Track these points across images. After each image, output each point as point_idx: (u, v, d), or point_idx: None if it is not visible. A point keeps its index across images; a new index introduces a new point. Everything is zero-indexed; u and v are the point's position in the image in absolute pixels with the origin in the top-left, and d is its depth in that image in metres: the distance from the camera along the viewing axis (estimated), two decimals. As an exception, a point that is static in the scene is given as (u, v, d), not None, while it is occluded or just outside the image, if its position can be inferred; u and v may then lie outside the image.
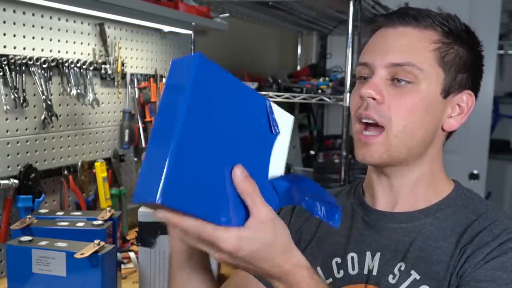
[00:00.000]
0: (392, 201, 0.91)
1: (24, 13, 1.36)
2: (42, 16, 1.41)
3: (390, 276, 0.85)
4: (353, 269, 0.90)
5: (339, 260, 0.92)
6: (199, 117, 0.58)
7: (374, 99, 0.84)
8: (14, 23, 1.34)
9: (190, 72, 0.58)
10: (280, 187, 0.68)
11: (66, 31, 1.50)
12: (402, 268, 0.85)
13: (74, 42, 1.53)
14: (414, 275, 0.84)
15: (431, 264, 0.83)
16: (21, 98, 1.34)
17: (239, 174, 0.63)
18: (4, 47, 1.31)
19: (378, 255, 0.88)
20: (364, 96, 0.84)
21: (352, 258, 0.91)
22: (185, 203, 0.57)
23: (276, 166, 0.69)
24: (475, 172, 2.94)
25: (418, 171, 0.89)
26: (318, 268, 0.93)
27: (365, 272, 0.89)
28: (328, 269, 0.93)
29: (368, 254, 0.89)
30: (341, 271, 0.91)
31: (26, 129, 1.39)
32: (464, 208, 0.88)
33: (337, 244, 0.94)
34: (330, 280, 0.92)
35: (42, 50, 1.42)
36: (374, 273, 0.87)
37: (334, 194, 1.02)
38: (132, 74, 1.76)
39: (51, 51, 1.45)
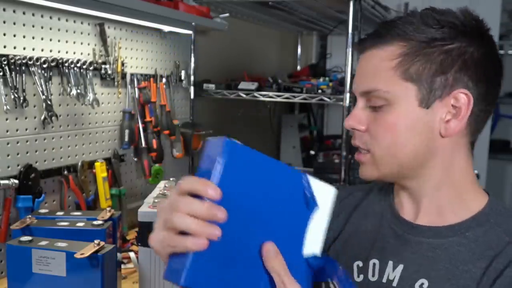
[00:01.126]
0: (415, 211, 0.90)
1: (24, 13, 1.36)
2: (42, 16, 1.41)
3: None
4: (373, 275, 0.89)
5: (360, 263, 0.92)
6: (229, 199, 0.59)
7: (356, 129, 0.87)
8: (14, 23, 1.34)
9: (220, 157, 0.58)
10: (315, 264, 0.67)
11: (66, 31, 1.50)
12: (424, 286, 0.83)
13: (74, 42, 1.53)
14: None
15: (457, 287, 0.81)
16: (21, 98, 1.34)
17: (269, 251, 0.63)
18: (4, 47, 1.31)
19: (400, 266, 0.87)
20: (347, 128, 0.88)
21: (374, 264, 0.90)
22: (210, 285, 0.58)
23: (313, 242, 0.67)
24: (475, 172, 2.92)
25: (434, 182, 0.86)
26: None
27: (384, 280, 0.88)
28: (349, 271, 0.92)
29: (391, 263, 0.88)
30: (361, 276, 0.91)
31: (26, 129, 1.39)
32: (497, 228, 0.83)
33: (361, 247, 0.93)
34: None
35: (42, 50, 1.42)
36: (394, 284, 0.86)
37: (366, 190, 1.02)
38: (132, 74, 1.76)
39: (51, 51, 1.45)
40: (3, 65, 1.29)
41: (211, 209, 0.57)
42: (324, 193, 0.67)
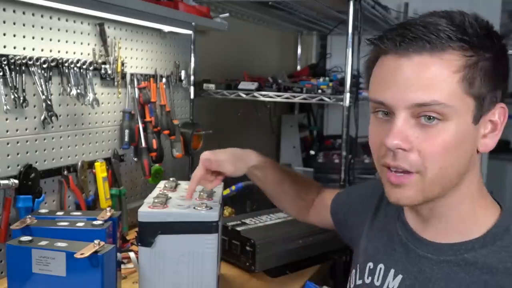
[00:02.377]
0: (422, 226, 0.88)
1: (24, 13, 1.36)
2: (42, 16, 1.41)
3: None
4: (378, 280, 0.89)
5: (371, 265, 0.92)
6: None
7: (402, 149, 0.77)
8: (14, 23, 1.33)
9: None
10: None
11: (66, 31, 1.50)
12: None
13: (74, 42, 1.53)
14: None
15: None
16: (21, 98, 1.34)
17: None
18: (4, 47, 1.31)
19: (399, 277, 0.86)
20: (391, 147, 0.77)
21: (381, 269, 0.90)
22: None
23: None
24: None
25: (451, 200, 0.82)
26: (358, 265, 0.95)
27: (385, 287, 0.88)
28: (362, 271, 0.93)
29: (392, 271, 0.88)
30: (369, 278, 0.91)
31: (26, 129, 1.39)
32: (502, 251, 0.78)
33: (376, 248, 0.93)
34: (360, 282, 0.93)
35: (42, 50, 1.42)
36: None
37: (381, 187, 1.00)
38: (132, 74, 1.76)
39: (51, 51, 1.45)
40: (3, 65, 1.29)
41: None
42: None
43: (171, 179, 1.35)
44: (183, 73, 2.07)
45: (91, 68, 1.56)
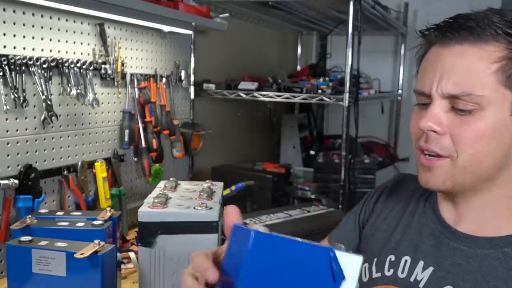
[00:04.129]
0: (455, 217, 0.87)
1: (24, 13, 1.36)
2: (42, 16, 1.41)
3: None
4: (403, 272, 0.88)
5: (393, 257, 0.91)
6: (257, 281, 0.62)
7: (434, 131, 0.79)
8: (14, 23, 1.33)
9: (247, 250, 0.61)
10: None
11: (66, 31, 1.50)
12: None
13: (74, 42, 1.53)
14: None
15: None
16: (21, 98, 1.34)
17: None
18: (4, 47, 1.31)
19: (430, 269, 0.85)
20: (423, 129, 0.79)
21: (406, 261, 0.89)
22: None
23: None
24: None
25: (489, 195, 0.83)
26: (376, 259, 0.93)
27: (412, 279, 0.87)
28: (381, 264, 0.92)
29: (421, 263, 0.87)
30: (391, 270, 0.90)
31: (26, 129, 1.39)
32: None
33: (396, 241, 0.92)
34: (379, 275, 0.91)
35: (42, 50, 1.42)
36: (421, 285, 0.85)
37: (412, 188, 0.99)
38: (132, 74, 1.76)
39: (51, 51, 1.45)
40: (3, 65, 1.29)
41: None
42: (351, 263, 0.67)
43: (171, 179, 1.35)
44: (183, 73, 2.07)
45: (91, 68, 1.56)
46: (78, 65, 1.51)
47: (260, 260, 0.62)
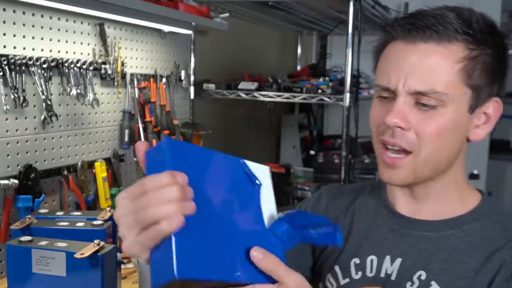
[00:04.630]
0: (416, 210, 0.90)
1: (24, 13, 1.36)
2: (42, 16, 1.41)
3: (408, 283, 0.84)
4: (371, 271, 0.89)
5: (357, 260, 0.92)
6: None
7: (400, 127, 0.81)
8: (14, 23, 1.33)
9: (165, 153, 0.60)
10: (280, 232, 0.70)
11: (66, 31, 1.50)
12: (422, 277, 0.84)
13: (74, 42, 1.53)
14: (435, 286, 0.82)
15: (455, 277, 0.82)
16: (21, 98, 1.34)
17: (257, 255, 0.63)
18: (4, 47, 1.31)
19: (398, 260, 0.87)
20: (389, 125, 0.81)
21: (372, 260, 0.90)
22: (200, 271, 0.59)
23: (269, 214, 0.72)
24: (475, 172, 2.94)
25: (442, 183, 0.87)
26: (336, 267, 0.93)
27: (382, 275, 0.88)
28: (345, 269, 0.92)
29: (388, 258, 0.88)
30: (359, 273, 0.90)
31: (26, 129, 1.39)
32: (493, 222, 0.86)
33: (358, 245, 0.93)
34: (347, 280, 0.91)
35: (42, 50, 1.42)
36: (393, 277, 0.86)
37: (356, 189, 1.02)
38: (132, 74, 1.76)
39: (51, 51, 1.45)
40: (3, 65, 1.29)
41: (182, 190, 0.56)
42: (261, 171, 0.73)
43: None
44: (183, 73, 2.07)
45: (91, 68, 1.56)
46: (78, 65, 1.51)
47: (181, 163, 0.60)
